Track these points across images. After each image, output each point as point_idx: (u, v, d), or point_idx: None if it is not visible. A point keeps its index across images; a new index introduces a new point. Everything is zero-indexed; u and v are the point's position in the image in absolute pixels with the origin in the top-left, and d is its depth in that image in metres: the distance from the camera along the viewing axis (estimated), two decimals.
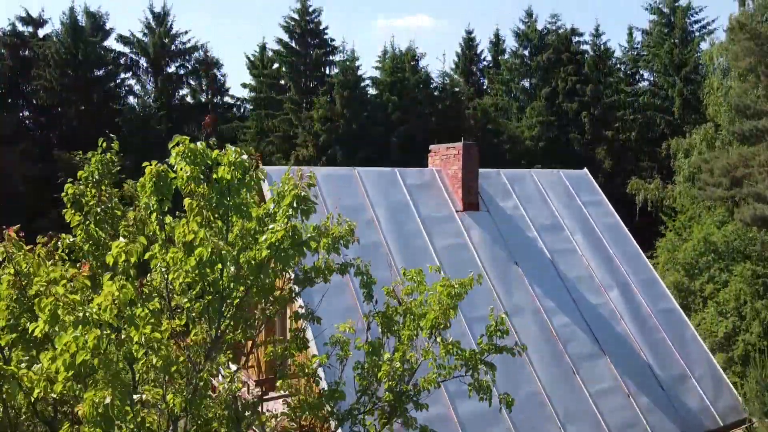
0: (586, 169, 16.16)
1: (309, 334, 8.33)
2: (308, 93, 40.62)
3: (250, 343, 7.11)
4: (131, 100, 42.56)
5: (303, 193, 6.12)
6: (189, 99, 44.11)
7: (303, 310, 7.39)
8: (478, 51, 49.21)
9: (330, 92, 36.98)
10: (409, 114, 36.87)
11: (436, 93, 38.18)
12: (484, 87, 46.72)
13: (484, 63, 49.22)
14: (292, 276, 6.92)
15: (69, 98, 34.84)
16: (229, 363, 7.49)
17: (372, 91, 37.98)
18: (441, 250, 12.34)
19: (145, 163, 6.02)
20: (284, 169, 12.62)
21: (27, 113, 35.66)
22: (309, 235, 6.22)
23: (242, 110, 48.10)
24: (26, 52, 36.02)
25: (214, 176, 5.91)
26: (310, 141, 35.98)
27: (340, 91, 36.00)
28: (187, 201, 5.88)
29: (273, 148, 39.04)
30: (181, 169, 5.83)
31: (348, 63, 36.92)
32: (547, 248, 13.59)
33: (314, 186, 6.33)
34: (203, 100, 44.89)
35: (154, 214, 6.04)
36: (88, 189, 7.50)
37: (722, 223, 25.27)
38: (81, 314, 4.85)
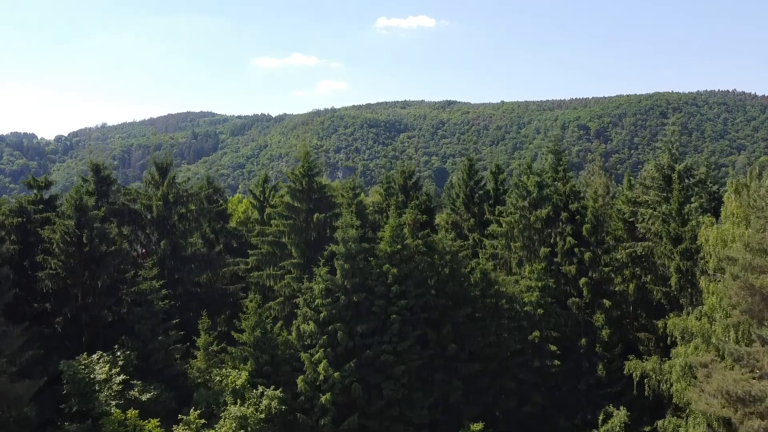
0: None
1: None
2: (310, 248, 41.14)
3: None
4: (135, 250, 43.18)
5: None
6: (193, 243, 44.72)
7: None
8: (478, 178, 49.73)
9: (331, 260, 37.50)
10: (409, 282, 37.36)
11: (435, 257, 38.65)
12: (484, 219, 47.12)
13: (484, 189, 49.71)
14: None
15: (74, 281, 35.49)
16: None
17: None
18: None
19: None
20: None
21: (31, 290, 36.24)
22: None
23: (243, 239, 48.77)
24: (29, 226, 36.59)
25: None
26: (311, 317, 36.53)
27: (342, 263, 36.53)
28: None
29: (275, 312, 39.66)
30: None
31: (349, 233, 37.34)
32: None
33: None
34: (206, 231, 45.67)
35: None
36: None
37: None
38: None
